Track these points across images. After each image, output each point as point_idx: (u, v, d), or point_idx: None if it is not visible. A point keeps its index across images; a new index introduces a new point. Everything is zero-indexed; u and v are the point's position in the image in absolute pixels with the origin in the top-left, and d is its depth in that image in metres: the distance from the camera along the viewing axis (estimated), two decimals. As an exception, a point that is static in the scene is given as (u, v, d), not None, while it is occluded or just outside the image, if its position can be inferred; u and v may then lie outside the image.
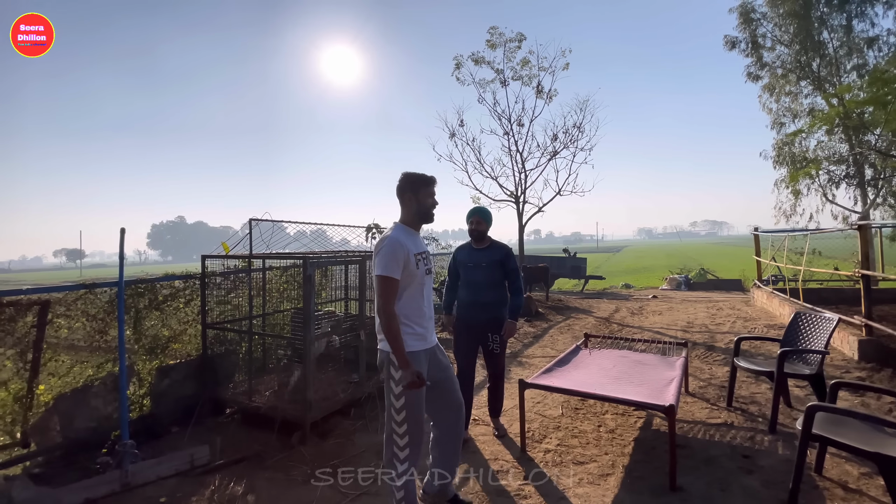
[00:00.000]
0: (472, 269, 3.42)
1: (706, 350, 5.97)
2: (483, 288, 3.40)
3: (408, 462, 2.31)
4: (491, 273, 3.40)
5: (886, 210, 15.52)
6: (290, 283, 4.98)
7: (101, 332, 3.64)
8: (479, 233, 3.45)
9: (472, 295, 3.42)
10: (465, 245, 3.56)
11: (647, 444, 3.34)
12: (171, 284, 4.13)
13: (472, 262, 3.42)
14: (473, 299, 3.42)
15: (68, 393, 3.34)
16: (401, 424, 2.30)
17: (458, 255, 3.53)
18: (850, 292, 8.30)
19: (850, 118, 13.36)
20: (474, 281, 3.41)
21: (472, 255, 3.45)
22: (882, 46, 15.41)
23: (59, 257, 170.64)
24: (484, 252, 3.44)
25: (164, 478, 3.01)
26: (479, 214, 3.47)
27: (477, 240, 3.48)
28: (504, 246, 3.50)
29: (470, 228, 3.47)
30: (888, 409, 3.82)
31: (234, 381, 4.27)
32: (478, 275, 3.41)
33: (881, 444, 2.34)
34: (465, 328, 3.49)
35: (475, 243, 3.49)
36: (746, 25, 17.33)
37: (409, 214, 2.42)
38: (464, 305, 3.47)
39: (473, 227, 3.45)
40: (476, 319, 3.43)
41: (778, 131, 18.07)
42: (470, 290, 3.43)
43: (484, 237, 3.49)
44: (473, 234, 3.46)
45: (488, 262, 3.40)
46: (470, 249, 3.49)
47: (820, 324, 3.84)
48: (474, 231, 3.45)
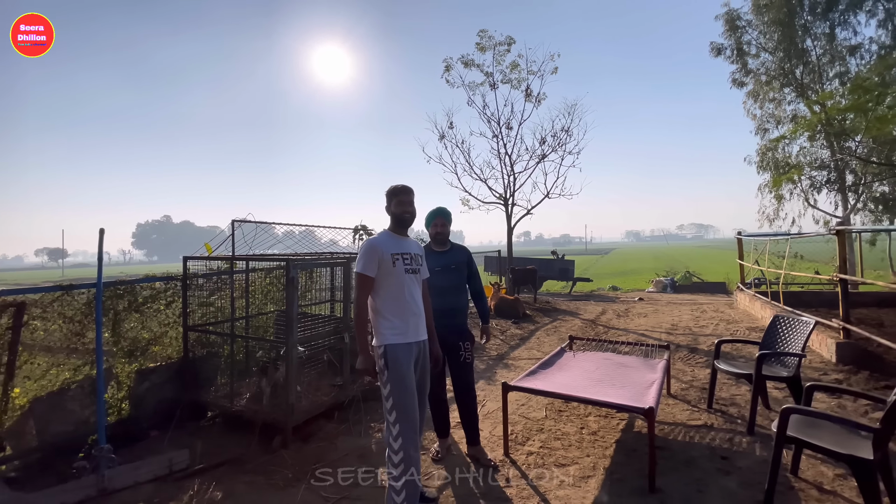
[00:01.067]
0: (440, 273, 3.14)
1: (689, 352, 6.05)
2: (453, 293, 3.19)
3: (403, 462, 2.32)
4: (459, 276, 3.22)
5: (866, 215, 15.86)
6: (274, 285, 4.94)
7: (79, 335, 3.58)
8: (445, 235, 3.24)
9: (443, 302, 3.10)
10: (425, 249, 3.18)
11: (628, 446, 3.37)
12: (152, 286, 4.08)
13: (440, 265, 3.16)
14: (446, 307, 3.11)
15: (44, 396, 3.29)
16: (393, 424, 2.36)
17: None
18: (830, 295, 8.46)
19: (832, 125, 13.65)
20: (442, 286, 3.13)
21: (438, 259, 3.18)
22: (864, 55, 15.77)
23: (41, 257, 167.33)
24: (448, 254, 3.23)
25: (141, 483, 2.97)
26: (444, 216, 3.24)
27: (442, 243, 3.25)
28: (463, 247, 3.35)
29: (434, 232, 3.23)
30: (864, 411, 3.90)
31: (215, 384, 4.22)
32: (446, 279, 3.16)
33: (854, 446, 2.39)
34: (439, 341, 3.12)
35: (437, 246, 3.26)
36: (732, 32, 17.62)
37: (391, 222, 2.67)
38: (436, 314, 3.02)
39: (439, 229, 3.21)
40: (448, 328, 3.11)
41: (762, 137, 18.41)
42: (439, 298, 3.07)
43: (447, 240, 3.30)
44: (439, 237, 3.22)
45: (456, 265, 3.22)
46: (432, 253, 3.21)
47: (797, 327, 3.91)
48: (440, 234, 3.22)
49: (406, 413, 2.36)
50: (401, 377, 2.39)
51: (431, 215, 3.25)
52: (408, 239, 2.67)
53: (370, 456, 3.31)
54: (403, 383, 2.39)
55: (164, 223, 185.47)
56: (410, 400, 2.39)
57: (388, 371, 2.39)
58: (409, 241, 2.66)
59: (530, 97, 11.17)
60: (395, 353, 2.41)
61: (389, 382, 2.39)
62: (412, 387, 2.43)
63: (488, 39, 11.08)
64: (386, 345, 2.42)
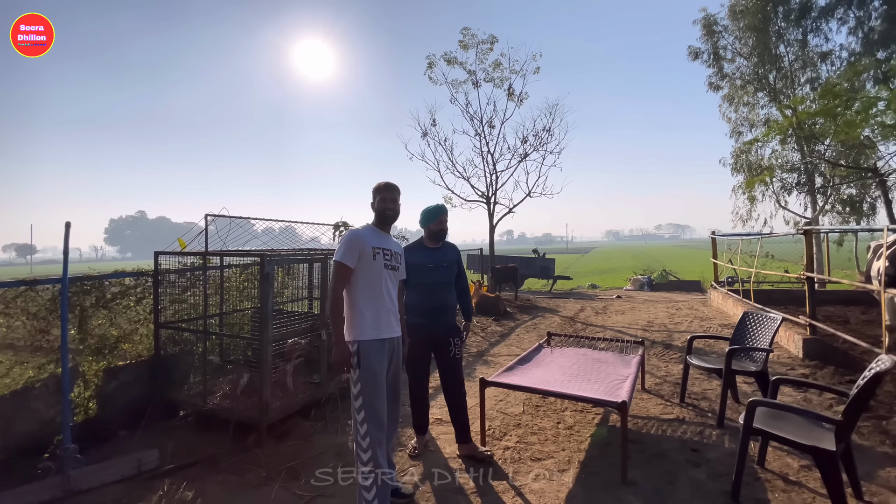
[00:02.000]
0: (433, 270, 3.10)
1: (664, 348, 6.17)
2: (444, 289, 3.16)
3: (371, 461, 2.31)
4: (450, 274, 3.19)
5: (834, 216, 16.43)
6: (250, 282, 4.86)
7: (43, 332, 3.46)
8: (446, 232, 3.20)
9: (435, 300, 3.10)
10: (416, 245, 3.22)
11: (603, 440, 3.42)
12: (121, 282, 3.96)
13: (433, 262, 3.11)
14: (438, 304, 3.11)
15: (8, 395, 3.18)
16: (361, 423, 2.35)
17: (413, 256, 3.09)
18: (799, 293, 8.74)
19: (803, 129, 14.08)
20: (435, 283, 3.11)
21: (431, 256, 3.14)
22: (834, 61, 16.31)
23: (9, 252, 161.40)
24: (441, 252, 3.18)
25: (108, 483, 2.88)
26: (446, 212, 3.20)
27: (439, 240, 3.20)
28: (454, 245, 3.31)
29: (437, 229, 3.15)
30: (829, 404, 4.04)
31: (188, 382, 4.13)
32: (439, 276, 3.13)
33: (817, 437, 2.47)
34: (425, 338, 3.13)
35: (431, 242, 3.20)
36: (709, 37, 18.03)
37: (375, 218, 2.67)
38: (425, 312, 3.10)
39: (441, 226, 3.16)
40: (440, 326, 3.13)
41: (736, 140, 18.91)
42: (431, 295, 3.10)
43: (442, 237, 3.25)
44: (440, 234, 3.17)
45: (449, 262, 3.18)
46: (425, 250, 3.17)
47: (765, 323, 4.03)
48: (442, 231, 3.17)
49: (374, 412, 2.35)
50: (372, 376, 2.37)
51: (435, 211, 3.16)
52: (389, 236, 2.67)
53: (347, 454, 3.28)
54: (374, 382, 2.38)
55: (138, 219, 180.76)
56: (380, 399, 2.38)
57: (360, 369, 2.37)
58: (390, 238, 2.66)
59: (513, 96, 11.23)
60: (368, 350, 2.39)
61: (360, 381, 2.36)
62: (382, 386, 2.42)
63: (471, 37, 11.08)
64: (359, 341, 2.39)
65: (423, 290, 3.11)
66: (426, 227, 3.20)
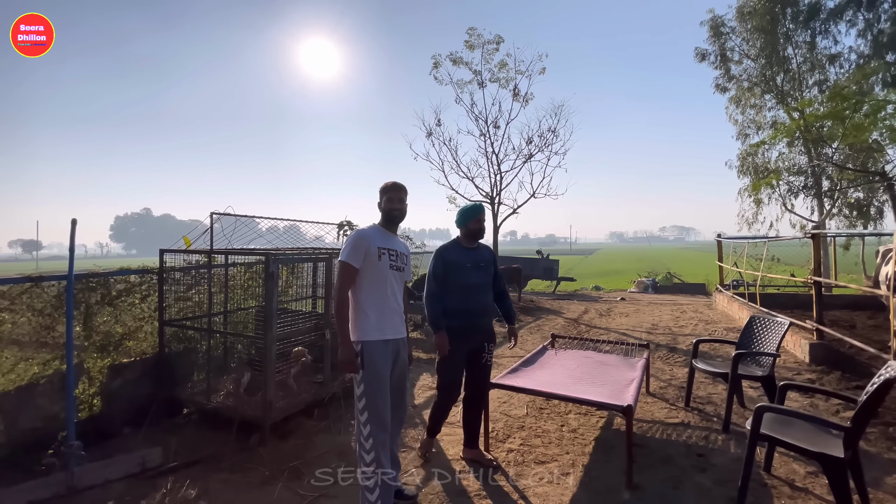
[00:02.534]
0: (471, 270, 2.98)
1: (668, 352, 6.13)
2: (484, 291, 3.06)
3: (374, 462, 2.31)
4: (488, 274, 3.09)
5: (841, 220, 16.30)
6: (254, 280, 4.86)
7: (49, 328, 3.47)
8: (483, 231, 3.08)
9: (474, 301, 3.00)
10: (452, 245, 3.09)
11: (607, 444, 3.40)
12: (126, 279, 3.97)
13: (470, 262, 2.99)
14: (477, 306, 3.00)
15: (12, 391, 3.18)
16: (364, 424, 2.34)
17: (450, 255, 3.00)
18: (805, 298, 8.67)
19: (810, 131, 13.97)
20: (474, 284, 3.00)
21: (469, 256, 3.01)
22: (843, 63, 16.17)
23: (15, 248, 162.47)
24: (478, 252, 3.08)
25: (112, 480, 2.89)
26: (484, 210, 3.10)
27: (476, 239, 3.09)
28: (488, 246, 3.24)
29: (475, 228, 3.04)
30: (835, 410, 4.00)
31: (192, 380, 4.13)
32: (478, 277, 3.01)
33: (825, 444, 2.44)
34: (465, 342, 2.99)
35: (467, 242, 3.08)
36: (716, 38, 17.92)
37: (382, 218, 2.63)
38: (464, 314, 2.98)
39: (480, 225, 3.05)
40: (480, 329, 3.02)
41: (742, 142, 18.77)
42: (471, 296, 2.99)
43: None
44: (479, 233, 3.06)
45: (486, 263, 3.07)
46: (462, 249, 3.05)
47: (772, 327, 3.99)
48: (481, 230, 3.06)
49: (378, 413, 2.34)
50: (376, 377, 2.37)
51: (473, 210, 3.05)
52: (396, 237, 2.64)
53: (349, 454, 3.28)
54: (378, 384, 2.37)
55: (143, 216, 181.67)
56: (383, 400, 2.38)
57: (364, 370, 2.36)
58: (396, 239, 2.64)
59: (518, 97, 11.20)
60: (373, 351, 2.38)
61: (363, 382, 2.36)
62: (386, 387, 2.41)
63: (477, 37, 11.06)
64: (363, 341, 2.38)
65: (462, 292, 2.98)
66: (464, 227, 3.06)
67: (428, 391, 4.72)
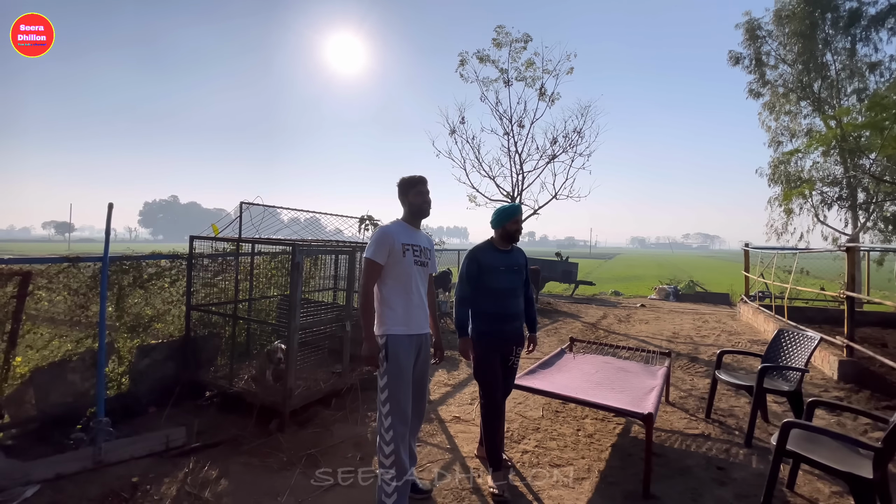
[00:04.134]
0: (504, 273, 2.90)
1: (689, 361, 6.02)
2: (517, 295, 2.98)
3: (394, 454, 2.33)
4: (520, 278, 3.01)
5: (876, 234, 15.70)
6: (278, 270, 4.94)
7: (83, 307, 3.59)
8: (520, 233, 2.98)
9: (505, 305, 2.91)
10: (486, 246, 2.99)
11: (624, 451, 3.36)
12: (157, 263, 4.08)
13: (504, 265, 2.91)
14: (509, 310, 2.91)
15: (45, 366, 3.30)
16: (386, 416, 2.37)
17: (484, 257, 2.91)
18: (835, 312, 8.40)
19: (847, 141, 13.50)
20: (508, 288, 2.91)
21: (503, 258, 2.93)
22: (884, 72, 15.54)
23: (48, 229, 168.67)
24: (511, 255, 2.98)
25: (137, 458, 2.98)
26: (521, 212, 2.98)
27: (511, 241, 2.99)
28: (521, 249, 3.12)
29: (513, 229, 2.93)
30: (863, 429, 3.87)
31: (215, 364, 4.23)
32: (510, 280, 2.93)
33: (853, 464, 2.37)
34: (499, 346, 2.91)
35: (502, 244, 2.98)
36: (752, 42, 17.41)
37: (406, 213, 2.64)
38: (495, 319, 2.89)
39: (518, 226, 2.94)
40: (511, 334, 2.93)
41: (775, 149, 18.22)
42: (501, 300, 2.90)
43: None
44: (516, 235, 2.96)
45: (519, 266, 2.99)
46: (495, 251, 2.95)
47: (802, 342, 3.88)
48: (518, 231, 2.95)
49: (399, 406, 2.37)
50: (399, 370, 2.39)
51: (511, 211, 2.93)
52: (420, 232, 2.65)
53: (365, 444, 3.32)
54: (401, 377, 2.40)
55: (171, 203, 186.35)
56: (405, 394, 2.41)
57: (388, 363, 2.39)
58: (420, 233, 2.65)
59: (544, 96, 11.07)
60: (396, 344, 2.41)
61: (387, 374, 2.39)
62: (409, 381, 2.44)
63: (505, 36, 10.97)
64: (388, 335, 2.41)
65: (493, 295, 2.89)
66: (501, 228, 2.95)
67: (443, 387, 4.74)
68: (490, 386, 2.86)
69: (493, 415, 2.85)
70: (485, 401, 2.88)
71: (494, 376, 2.87)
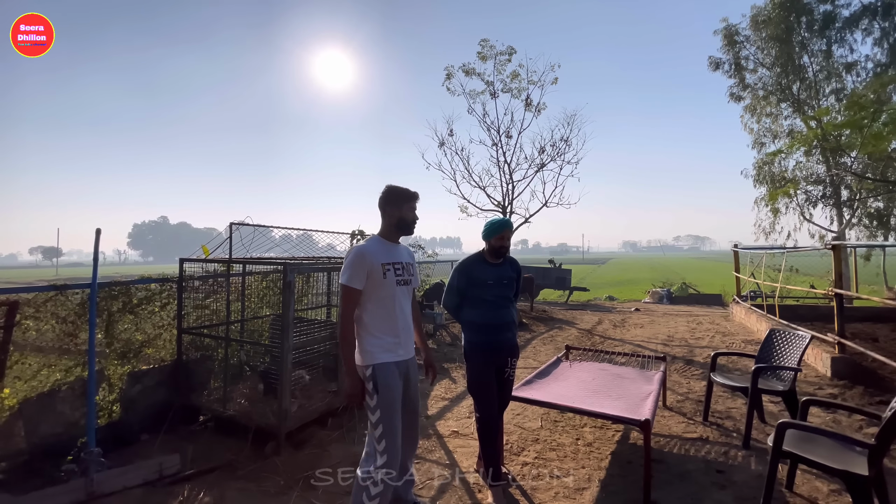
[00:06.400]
0: (492, 286, 2.91)
1: (685, 364, 6.04)
2: (508, 306, 2.98)
3: (379, 497, 2.24)
4: (509, 290, 3.00)
5: (861, 230, 15.99)
6: (270, 289, 4.91)
7: (72, 335, 3.54)
8: (506, 249, 2.98)
9: (499, 316, 2.91)
10: (476, 259, 2.99)
11: (623, 458, 3.35)
12: (147, 287, 4.04)
13: (493, 278, 2.92)
14: (499, 321, 2.91)
15: (34, 397, 3.23)
16: (382, 454, 2.25)
17: (474, 270, 2.92)
18: (825, 310, 8.49)
19: (828, 140, 13.78)
20: (493, 300, 2.92)
21: (492, 271, 2.94)
22: (860, 72, 15.98)
23: (35, 255, 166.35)
24: (502, 267, 2.99)
25: (131, 487, 2.91)
26: (510, 227, 2.96)
27: (499, 255, 2.97)
28: (515, 260, 3.10)
29: (497, 245, 2.92)
30: (858, 426, 3.90)
31: (208, 387, 4.18)
32: (497, 292, 2.93)
33: (849, 461, 2.39)
34: (491, 357, 2.90)
35: (492, 258, 2.98)
36: (730, 47, 17.84)
37: (387, 227, 2.43)
38: (486, 330, 2.89)
39: (503, 242, 2.92)
40: (503, 344, 2.94)
41: (758, 151, 18.59)
42: (494, 311, 2.90)
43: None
44: (501, 251, 2.94)
45: (509, 279, 2.99)
46: (485, 265, 2.95)
47: (793, 341, 3.92)
48: (503, 248, 2.94)
49: (396, 441, 2.26)
50: (391, 400, 2.27)
51: (498, 226, 2.91)
52: (399, 245, 2.49)
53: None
54: (393, 407, 2.27)
55: (160, 224, 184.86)
56: (397, 423, 2.29)
57: (378, 395, 2.24)
58: (400, 247, 2.48)
59: (530, 106, 11.20)
60: (386, 374, 2.27)
61: (379, 407, 2.24)
62: (399, 409, 2.32)
63: (489, 49, 11.12)
64: (374, 364, 2.26)
65: (483, 307, 2.91)
66: (487, 242, 2.98)
67: (441, 401, 4.71)
68: (484, 401, 2.84)
69: (490, 430, 2.82)
70: (480, 415, 2.85)
71: (489, 390, 2.85)
